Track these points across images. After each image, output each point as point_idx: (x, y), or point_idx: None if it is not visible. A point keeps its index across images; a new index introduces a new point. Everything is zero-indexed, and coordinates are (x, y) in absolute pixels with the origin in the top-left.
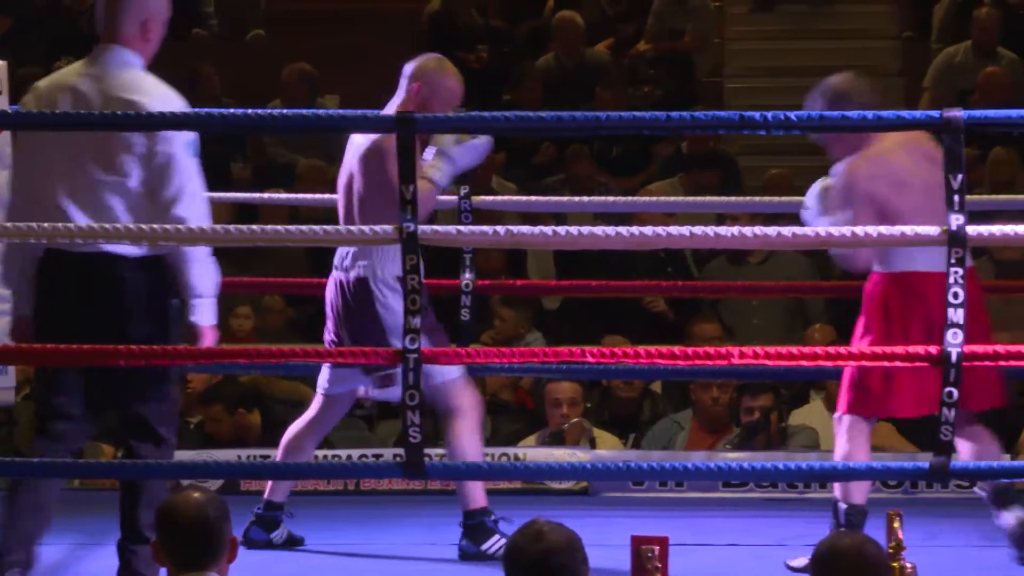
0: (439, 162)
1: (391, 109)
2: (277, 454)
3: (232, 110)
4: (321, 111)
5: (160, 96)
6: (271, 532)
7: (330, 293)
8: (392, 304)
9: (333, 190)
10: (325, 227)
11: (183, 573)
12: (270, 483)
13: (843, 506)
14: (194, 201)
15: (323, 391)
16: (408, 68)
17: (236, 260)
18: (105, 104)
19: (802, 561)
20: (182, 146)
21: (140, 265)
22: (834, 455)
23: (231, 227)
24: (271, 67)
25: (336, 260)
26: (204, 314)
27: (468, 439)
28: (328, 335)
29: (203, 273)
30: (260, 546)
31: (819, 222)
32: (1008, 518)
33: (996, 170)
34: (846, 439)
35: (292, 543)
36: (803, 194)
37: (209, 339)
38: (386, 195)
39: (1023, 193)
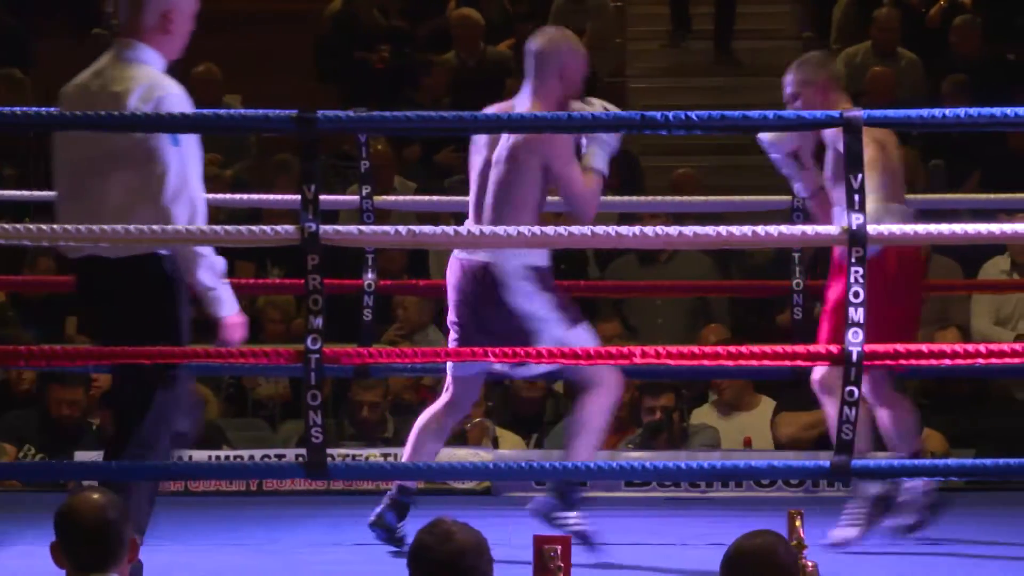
0: (595, 149)
1: (526, 92)
2: (409, 440)
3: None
4: (223, 111)
5: (145, 86)
6: (400, 520)
7: (453, 276)
8: (522, 289)
9: (227, 189)
10: (226, 227)
11: (83, 575)
12: None
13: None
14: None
15: (455, 374)
16: (540, 46)
17: None
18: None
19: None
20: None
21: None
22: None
23: (119, 227)
24: (173, 66)
25: None
26: (221, 305)
27: (599, 415)
28: (451, 316)
29: (203, 266)
30: (386, 534)
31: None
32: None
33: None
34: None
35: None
36: (709, 193)
37: (237, 330)
38: (533, 187)
39: (922, 193)
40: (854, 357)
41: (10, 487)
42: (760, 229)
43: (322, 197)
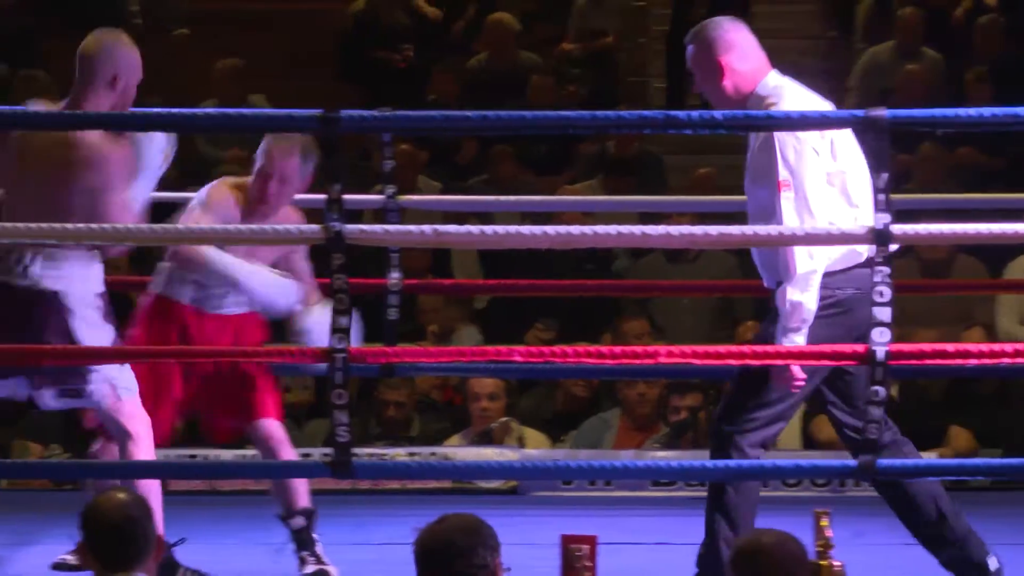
0: None
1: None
2: None
3: (171, 109)
4: (248, 110)
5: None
6: None
7: None
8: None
9: None
10: (251, 226)
11: (109, 574)
12: None
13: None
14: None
15: None
16: (90, 51)
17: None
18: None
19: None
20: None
21: None
22: None
23: (156, 226)
24: (196, 66)
25: None
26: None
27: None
28: None
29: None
30: None
31: None
32: None
33: (925, 168)
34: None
35: None
36: (731, 193)
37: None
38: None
39: (950, 192)
40: (879, 356)
41: (36, 486)
42: (786, 228)
43: (346, 196)
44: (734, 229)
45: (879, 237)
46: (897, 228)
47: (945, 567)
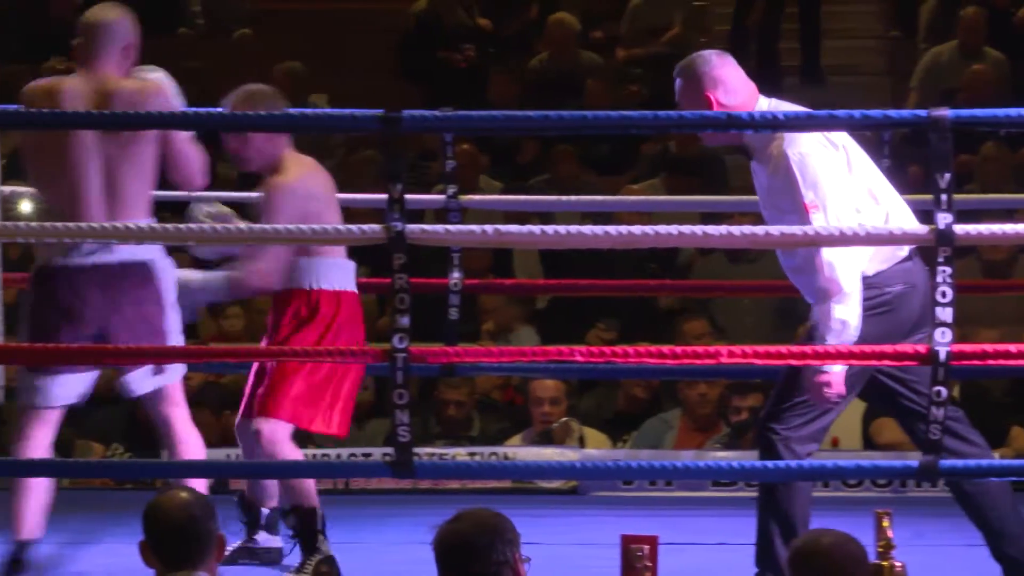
0: None
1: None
2: None
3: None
4: (310, 111)
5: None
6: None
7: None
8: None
9: None
10: (312, 226)
11: (171, 572)
12: None
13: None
14: None
15: None
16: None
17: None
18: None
19: None
20: None
21: None
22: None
23: (218, 227)
24: (257, 66)
25: None
26: None
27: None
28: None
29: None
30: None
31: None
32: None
33: (987, 168)
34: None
35: None
36: None
37: None
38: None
39: (1013, 192)
40: (941, 356)
41: (98, 485)
42: (847, 229)
43: (407, 196)
44: (796, 229)
45: (941, 237)
46: (959, 228)
47: (1008, 568)
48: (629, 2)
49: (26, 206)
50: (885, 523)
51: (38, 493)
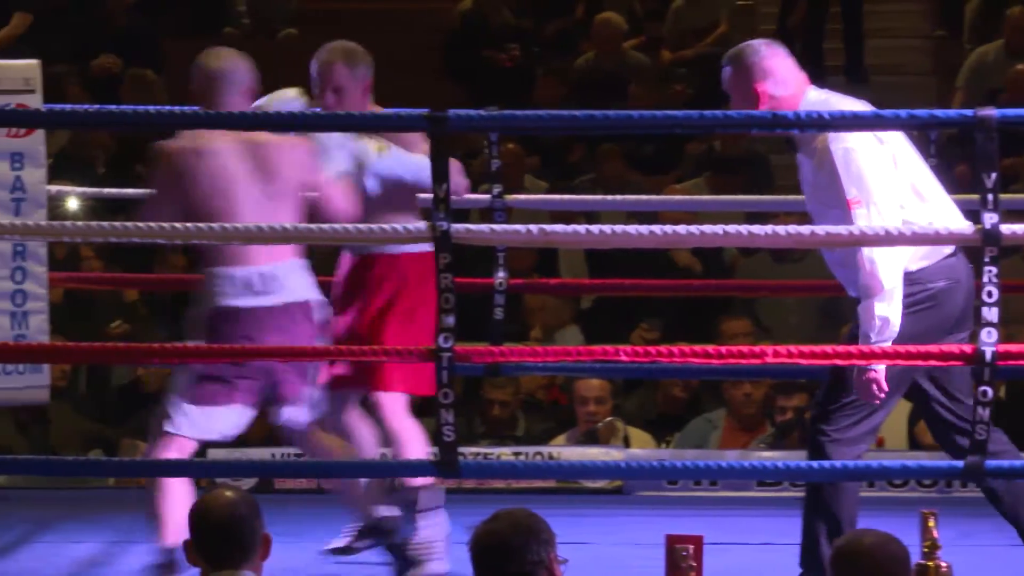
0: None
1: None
2: None
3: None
4: (356, 111)
5: None
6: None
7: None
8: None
9: None
10: (358, 226)
11: (216, 572)
12: None
13: None
14: None
15: None
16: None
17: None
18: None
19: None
20: None
21: None
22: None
23: (263, 225)
24: (303, 66)
25: None
26: None
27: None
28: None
29: None
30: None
31: None
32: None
33: None
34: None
35: None
36: None
37: None
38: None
39: None
40: (987, 356)
41: (143, 484)
42: (893, 228)
43: (453, 196)
44: (842, 229)
45: (988, 237)
46: (1006, 228)
47: None
48: (673, 2)
49: (74, 202)
50: (931, 523)
51: (183, 501)
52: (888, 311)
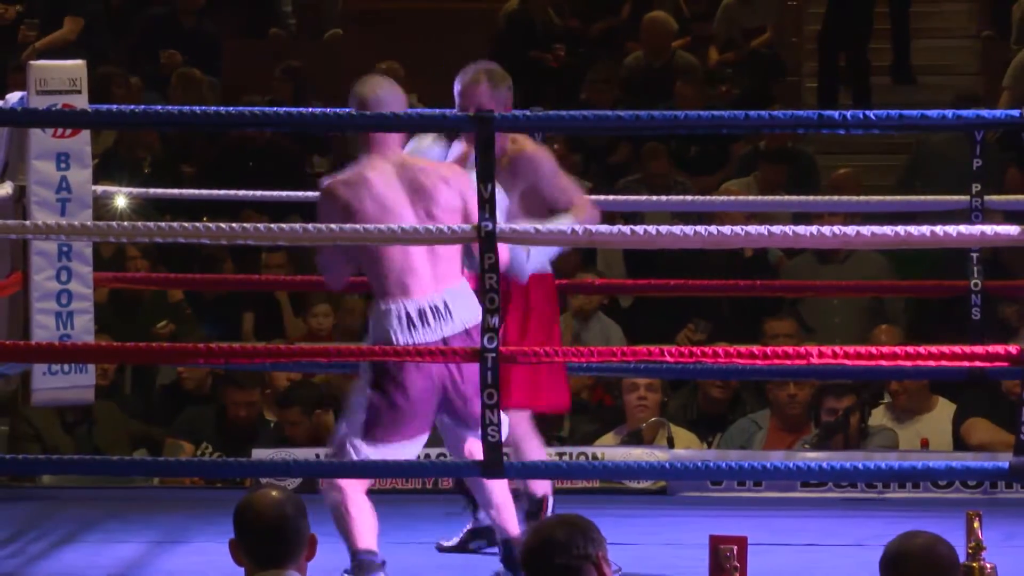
0: None
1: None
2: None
3: (321, 110)
4: (402, 111)
5: None
6: None
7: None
8: None
9: None
10: (402, 226)
11: (261, 571)
12: None
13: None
14: None
15: None
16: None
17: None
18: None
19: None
20: None
21: None
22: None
23: (309, 226)
24: (350, 66)
25: None
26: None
27: None
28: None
29: None
30: None
31: None
32: None
33: None
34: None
35: None
36: (872, 192)
37: None
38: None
39: None
40: None
41: (188, 484)
42: (939, 229)
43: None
44: (887, 229)
45: None
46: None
47: None
48: (721, 1)
49: (120, 201)
50: (976, 524)
51: (364, 503)
52: None
